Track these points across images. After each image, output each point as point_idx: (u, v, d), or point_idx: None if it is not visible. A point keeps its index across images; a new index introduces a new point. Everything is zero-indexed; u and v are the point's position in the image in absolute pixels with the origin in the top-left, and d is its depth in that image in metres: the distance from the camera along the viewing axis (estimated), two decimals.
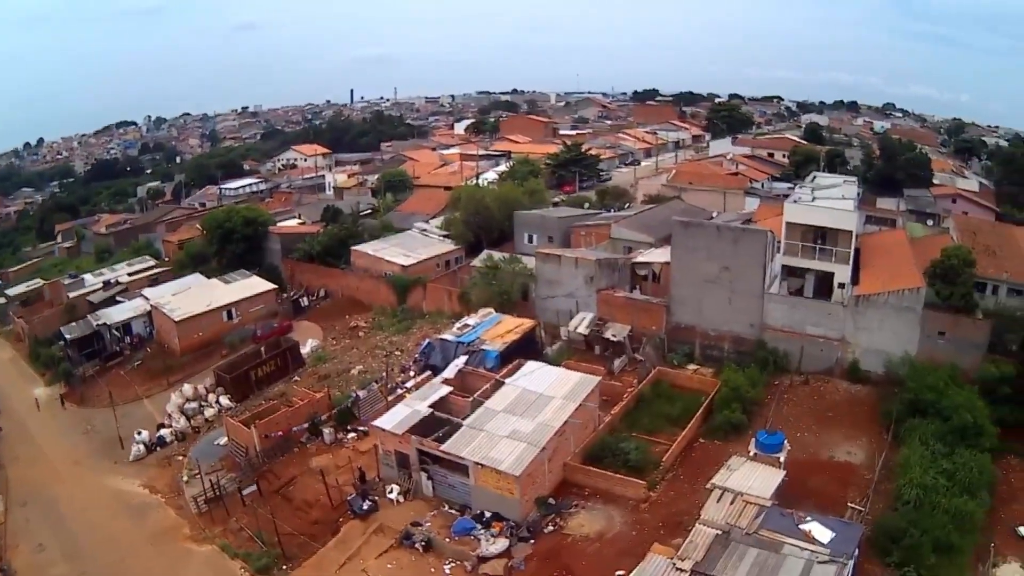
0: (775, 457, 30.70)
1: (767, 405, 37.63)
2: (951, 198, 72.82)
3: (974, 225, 56.28)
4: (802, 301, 42.49)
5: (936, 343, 38.74)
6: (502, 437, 31.12)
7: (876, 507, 30.00)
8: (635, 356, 41.84)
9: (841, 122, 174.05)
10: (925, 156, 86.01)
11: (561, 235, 55.88)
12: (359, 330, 51.82)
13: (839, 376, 40.38)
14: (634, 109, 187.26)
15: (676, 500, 30.98)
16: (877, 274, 43.17)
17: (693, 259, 42.20)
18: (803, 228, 43.45)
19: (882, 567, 26.74)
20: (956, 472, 30.76)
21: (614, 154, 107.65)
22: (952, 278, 41.23)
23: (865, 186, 72.10)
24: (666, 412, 36.34)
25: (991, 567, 27.72)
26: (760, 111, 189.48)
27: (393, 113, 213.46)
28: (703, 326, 42.85)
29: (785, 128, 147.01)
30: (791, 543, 24.93)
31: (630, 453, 32.93)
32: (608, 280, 45.32)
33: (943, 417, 33.59)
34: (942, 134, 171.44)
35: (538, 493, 30.67)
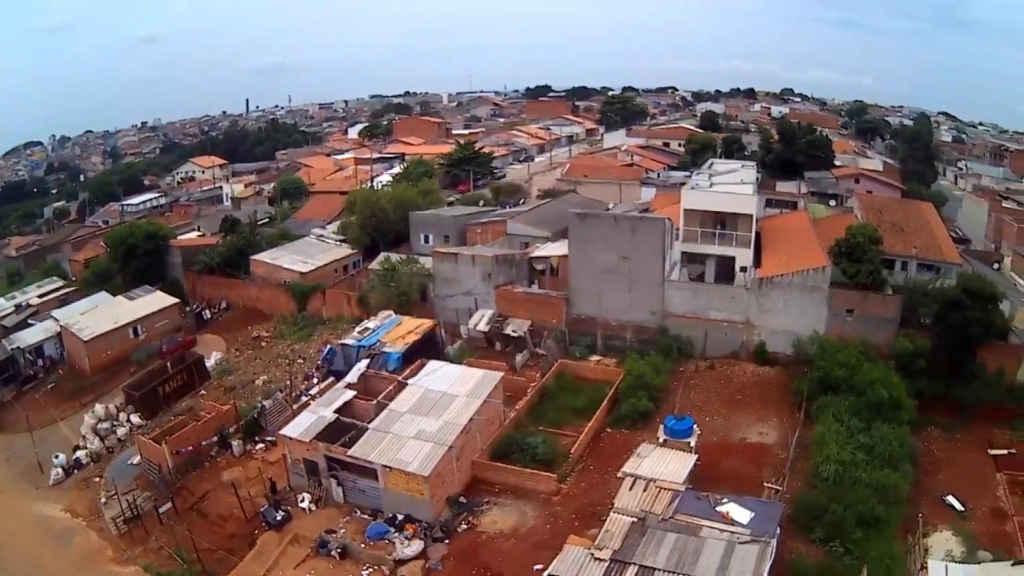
0: (685, 442, 42.85)
1: (673, 391, 51.75)
2: (854, 178, 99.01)
3: (879, 203, 78.25)
4: (704, 287, 58.63)
5: (845, 321, 55.43)
6: (408, 438, 42.64)
7: (793, 485, 42.77)
8: (537, 350, 57.77)
9: (738, 109, 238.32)
10: (826, 138, 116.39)
11: (457, 234, 76.49)
12: (261, 340, 69.64)
13: (746, 359, 56.36)
14: (527, 106, 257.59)
15: (588, 491, 42.34)
16: (780, 256, 60.26)
17: (591, 250, 57.41)
18: (702, 214, 60.37)
19: (807, 544, 38.71)
20: (875, 446, 44.81)
21: (507, 151, 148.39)
22: (858, 256, 58.52)
23: (765, 171, 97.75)
24: (571, 404, 50.48)
25: (921, 537, 40.86)
26: (655, 102, 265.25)
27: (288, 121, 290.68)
28: (604, 316, 58.37)
29: (681, 118, 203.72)
30: (710, 526, 35.47)
31: (538, 447, 44.81)
32: (506, 276, 62.36)
33: (857, 393, 48.60)
34: (843, 116, 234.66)
35: (449, 492, 42.18)
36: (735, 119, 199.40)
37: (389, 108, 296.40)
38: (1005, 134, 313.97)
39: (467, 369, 50.36)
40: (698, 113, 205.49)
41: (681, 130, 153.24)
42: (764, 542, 34.40)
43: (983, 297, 53.93)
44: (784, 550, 37.06)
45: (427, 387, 47.45)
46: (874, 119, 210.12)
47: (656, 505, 36.27)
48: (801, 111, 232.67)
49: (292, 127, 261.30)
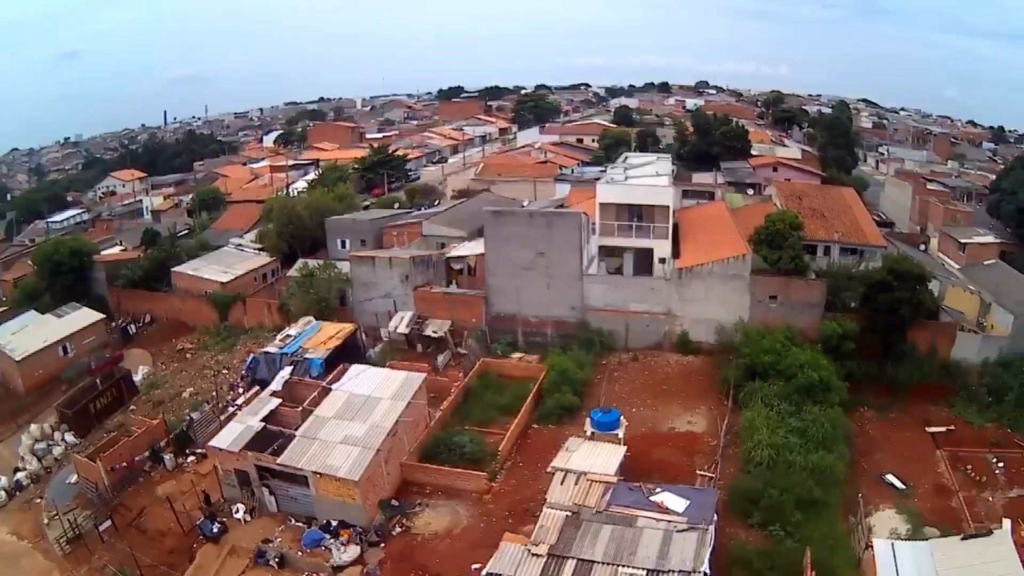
0: (613, 434, 46.95)
1: (598, 385, 56.45)
2: (772, 167, 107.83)
3: (798, 190, 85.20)
4: (623, 279, 63.85)
5: (769, 307, 60.99)
6: (336, 443, 46.34)
7: (727, 472, 47.23)
8: (458, 350, 62.49)
9: (652, 103, 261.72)
10: (742, 128, 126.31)
11: (373, 237, 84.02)
12: (186, 352, 75.26)
13: (669, 349, 61.78)
14: (440, 107, 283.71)
15: (519, 488, 46.30)
16: (699, 246, 65.39)
17: (507, 248, 62.27)
18: (618, 207, 65.80)
19: (745, 529, 42.69)
20: (807, 429, 49.50)
21: (421, 153, 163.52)
22: (779, 243, 64.31)
23: (680, 163, 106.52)
24: (496, 402, 54.82)
25: (863, 517, 45.02)
26: (568, 99, 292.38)
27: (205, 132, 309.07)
28: (524, 313, 63.44)
29: (594, 114, 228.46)
30: (645, 516, 38.87)
31: (465, 446, 48.75)
32: (424, 277, 67.89)
33: (785, 377, 53.57)
34: (760, 107, 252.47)
35: (380, 496, 45.91)
36: (649, 113, 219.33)
37: (304, 115, 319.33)
38: (928, 118, 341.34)
39: (390, 372, 54.19)
40: (612, 109, 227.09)
41: (595, 126, 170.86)
42: (702, 529, 37.82)
43: (910, 277, 59.61)
44: (723, 536, 40.67)
45: (351, 391, 51.03)
46: (791, 108, 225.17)
47: (589, 498, 39.61)
48: (717, 103, 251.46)
49: (209, 137, 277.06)
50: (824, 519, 43.62)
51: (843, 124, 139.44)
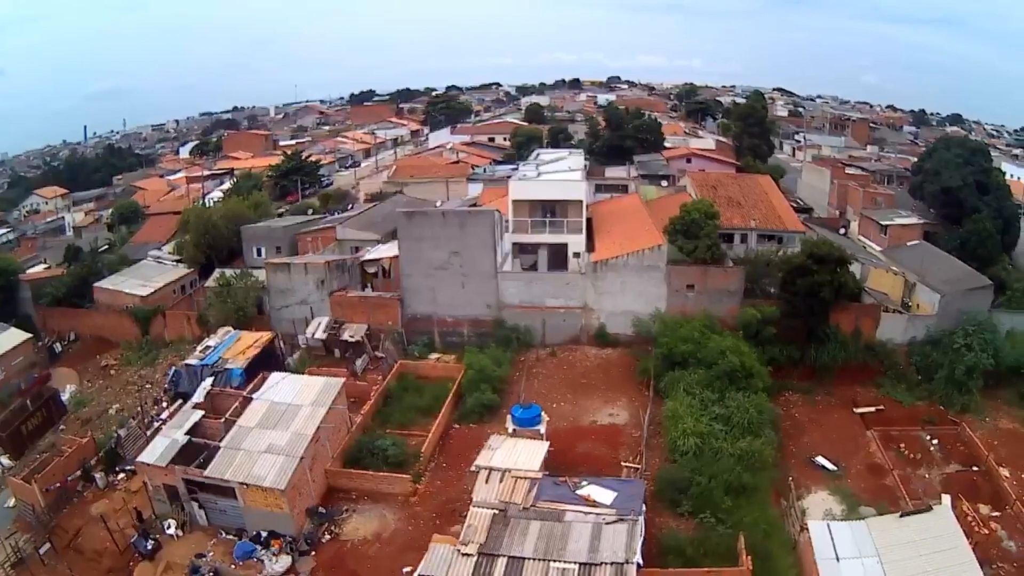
0: (535, 430, 49.25)
1: (517, 382, 59.18)
2: (686, 158, 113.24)
3: (713, 180, 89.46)
4: (538, 275, 67.10)
5: (686, 297, 64.57)
6: (260, 453, 48.26)
7: (652, 463, 49.95)
8: (376, 353, 65.07)
9: (564, 100, 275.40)
10: (654, 121, 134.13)
11: (288, 244, 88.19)
12: (111, 368, 77.30)
13: (587, 343, 65.01)
14: (352, 112, 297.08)
15: (444, 488, 48.68)
16: (613, 239, 68.69)
17: (421, 248, 65.01)
18: (531, 204, 69.22)
19: (676, 518, 45.23)
20: (732, 416, 52.52)
21: (334, 158, 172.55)
22: (695, 232, 67.88)
23: (593, 158, 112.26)
24: (416, 404, 57.52)
25: (795, 500, 48.29)
26: (479, 99, 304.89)
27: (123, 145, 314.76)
28: (439, 314, 66.32)
29: (506, 113, 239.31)
30: (573, 510, 41.06)
31: (388, 449, 51.09)
32: (339, 282, 70.86)
33: (706, 365, 56.66)
34: (673, 99, 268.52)
35: (307, 504, 47.90)
36: (561, 110, 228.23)
37: (218, 124, 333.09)
38: (846, 105, 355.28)
39: (309, 378, 56.21)
40: (523, 107, 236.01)
41: (506, 125, 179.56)
42: (631, 520, 40.11)
43: (830, 261, 63.40)
44: (653, 527, 43.17)
45: (272, 400, 52.64)
46: (705, 100, 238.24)
47: (515, 495, 41.62)
48: (629, 97, 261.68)
49: (127, 151, 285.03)
50: (755, 504, 46.35)
51: (758, 113, 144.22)
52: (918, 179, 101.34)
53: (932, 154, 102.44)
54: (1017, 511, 51.70)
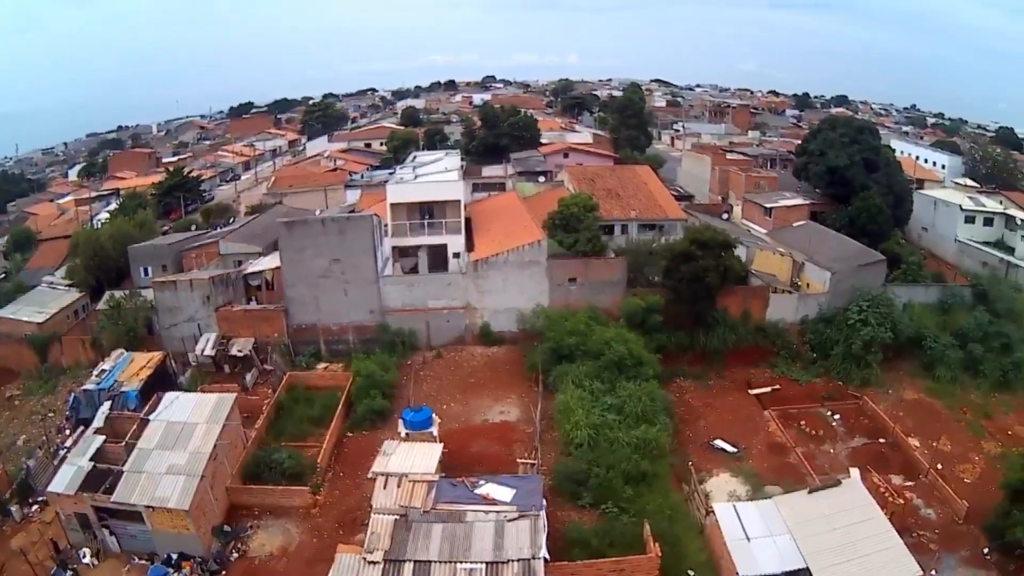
0: (428, 432, 51.40)
1: (405, 386, 61.65)
2: (563, 153, 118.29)
3: (591, 173, 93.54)
4: (419, 278, 69.95)
5: (569, 290, 68.30)
6: (162, 474, 49.54)
7: (548, 457, 52.60)
8: (264, 367, 67.18)
9: (439, 102, 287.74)
10: (530, 118, 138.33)
11: (174, 261, 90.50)
12: (14, 399, 77.20)
13: (472, 342, 68.16)
14: (231, 125, 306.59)
15: (343, 498, 50.81)
16: (493, 237, 71.78)
17: (302, 258, 67.29)
18: (409, 206, 72.02)
19: (578, 511, 47.86)
20: (624, 405, 55.72)
21: (215, 173, 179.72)
22: (574, 225, 71.80)
23: (470, 157, 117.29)
24: (308, 415, 59.75)
25: (697, 484, 51.20)
26: (355, 106, 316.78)
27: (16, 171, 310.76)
28: (324, 322, 68.70)
29: (382, 117, 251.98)
30: (474, 510, 43.14)
31: (284, 463, 52.82)
32: (225, 296, 73.09)
33: (594, 357, 59.99)
34: (549, 96, 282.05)
35: (212, 523, 49.55)
36: (436, 112, 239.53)
37: (104, 145, 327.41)
38: (726, 92, 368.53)
39: (202, 396, 57.32)
40: (399, 111, 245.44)
41: (382, 129, 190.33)
42: (533, 516, 42.23)
43: (714, 245, 67.33)
44: (556, 521, 45.65)
45: (168, 420, 53.65)
46: (581, 94, 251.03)
47: (414, 499, 43.32)
48: (504, 96, 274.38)
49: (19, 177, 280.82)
50: (657, 491, 49.20)
51: (635, 105, 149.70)
52: (802, 160, 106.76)
53: (817, 135, 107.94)
54: (932, 479, 55.90)
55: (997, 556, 48.93)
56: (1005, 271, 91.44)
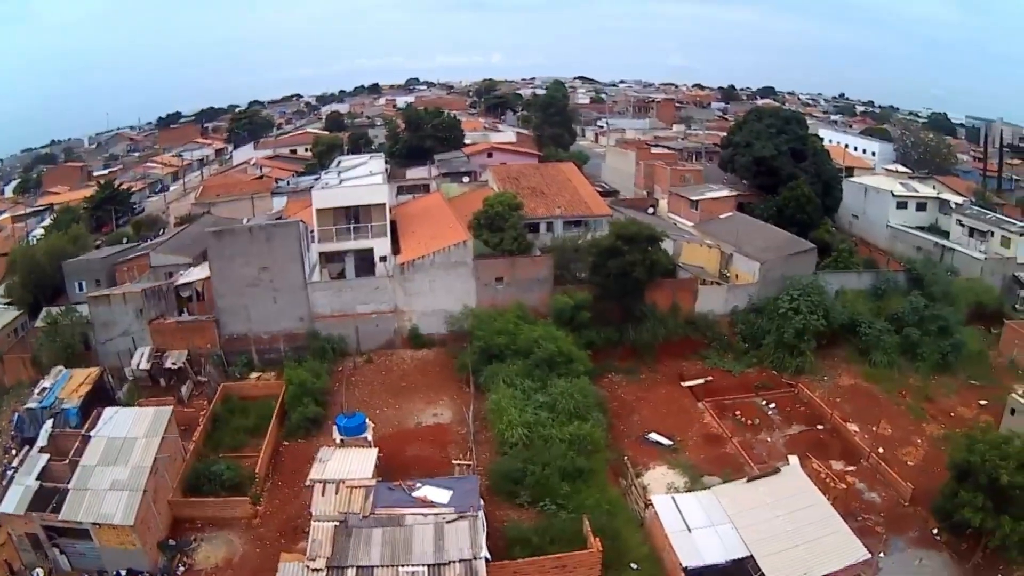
0: (362, 438, 52.35)
1: (338, 392, 62.50)
2: (486, 153, 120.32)
3: (515, 172, 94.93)
4: (346, 283, 70.84)
5: (496, 289, 69.72)
6: (106, 491, 50.07)
7: (483, 457, 53.87)
8: (199, 378, 67.86)
9: (363, 106, 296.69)
10: (453, 119, 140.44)
11: (107, 275, 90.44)
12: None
13: (402, 346, 69.38)
14: (159, 136, 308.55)
15: (283, 507, 51.73)
16: (418, 239, 72.83)
17: (231, 267, 67.93)
18: (335, 211, 72.59)
19: (516, 509, 48.97)
20: (556, 402, 56.92)
21: (144, 184, 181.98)
22: (500, 225, 72.77)
23: (394, 160, 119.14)
24: (243, 425, 60.45)
25: (634, 478, 52.62)
26: (280, 112, 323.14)
27: None
28: (255, 331, 69.50)
29: (307, 123, 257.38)
30: (412, 513, 44.00)
31: (223, 474, 53.42)
32: (158, 309, 73.55)
33: (523, 355, 61.39)
34: (472, 96, 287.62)
35: (157, 537, 50.41)
36: (360, 116, 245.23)
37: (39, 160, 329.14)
38: (651, 87, 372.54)
39: (139, 410, 57.75)
40: (323, 116, 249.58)
41: (307, 135, 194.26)
42: (472, 516, 43.29)
43: (640, 240, 68.90)
44: (495, 520, 46.66)
45: (108, 436, 53.97)
46: (505, 94, 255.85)
47: (353, 505, 44.13)
48: (428, 98, 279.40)
49: None
50: (594, 487, 50.51)
51: (559, 102, 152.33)
52: (728, 152, 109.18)
53: (743, 126, 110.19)
54: (874, 464, 57.86)
55: (947, 536, 50.62)
56: (940, 255, 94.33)
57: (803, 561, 43.45)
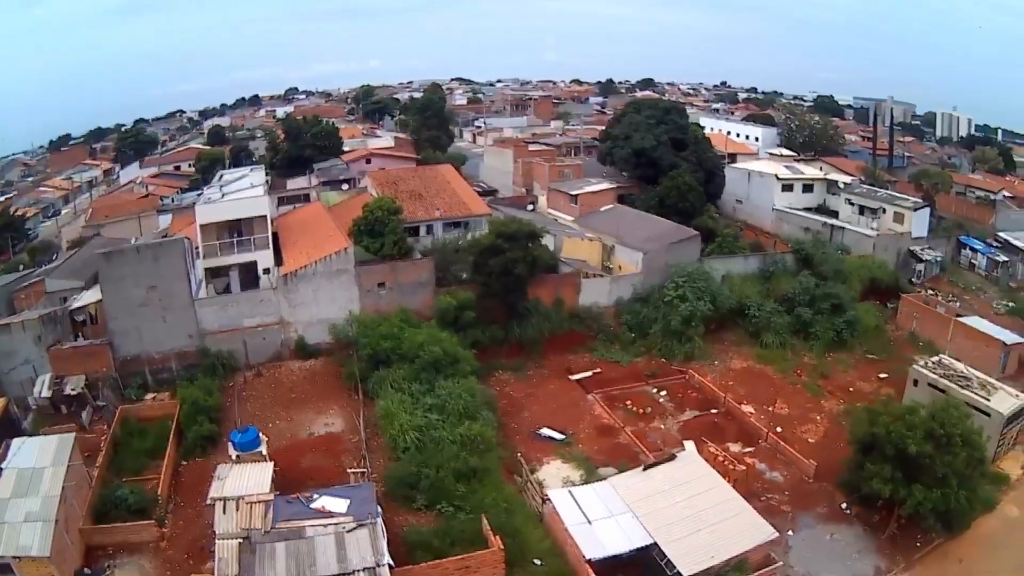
0: (257, 452, 51.89)
1: (231, 408, 62.19)
2: (365, 159, 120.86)
3: (393, 176, 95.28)
4: (232, 297, 70.47)
5: (379, 295, 69.90)
6: (22, 523, 48.12)
7: (377, 464, 53.96)
8: (98, 403, 66.74)
9: (244, 118, 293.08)
10: (332, 127, 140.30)
11: (6, 303, 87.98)
12: None
13: (290, 358, 68.84)
14: (51, 159, 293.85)
15: (188, 527, 50.99)
16: (301, 249, 72.45)
17: (121, 288, 66.83)
18: (218, 226, 71.95)
19: (414, 514, 48.99)
20: (445, 404, 57.14)
21: (37, 210, 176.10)
22: (380, 230, 73.36)
23: (275, 171, 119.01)
24: (143, 448, 59.32)
25: (529, 474, 53.24)
26: (164, 129, 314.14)
27: None
28: (148, 352, 68.24)
29: (190, 139, 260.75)
30: (312, 525, 43.81)
31: (128, 498, 52.45)
32: (55, 335, 71.66)
33: (409, 359, 61.48)
34: (351, 103, 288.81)
35: (73, 566, 48.40)
36: (242, 128, 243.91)
37: None
38: (528, 84, 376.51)
39: (44, 439, 56.44)
40: (206, 131, 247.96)
41: (190, 151, 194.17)
42: (371, 524, 43.27)
43: (520, 237, 69.53)
44: (395, 526, 46.62)
45: (18, 467, 52.81)
46: (382, 99, 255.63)
47: (254, 520, 43.77)
48: (306, 107, 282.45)
49: None
50: (489, 485, 50.69)
51: (436, 105, 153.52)
52: (607, 145, 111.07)
53: (621, 119, 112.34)
54: (772, 443, 59.53)
55: (858, 509, 52.29)
56: (830, 234, 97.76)
57: (709, 545, 44.37)
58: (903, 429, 47.19)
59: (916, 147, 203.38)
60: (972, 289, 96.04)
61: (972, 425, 50.52)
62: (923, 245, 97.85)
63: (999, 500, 56.45)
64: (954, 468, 46.92)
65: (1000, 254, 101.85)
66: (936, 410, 49.31)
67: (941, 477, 46.71)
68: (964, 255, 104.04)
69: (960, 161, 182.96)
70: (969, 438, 48.47)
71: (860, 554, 50.03)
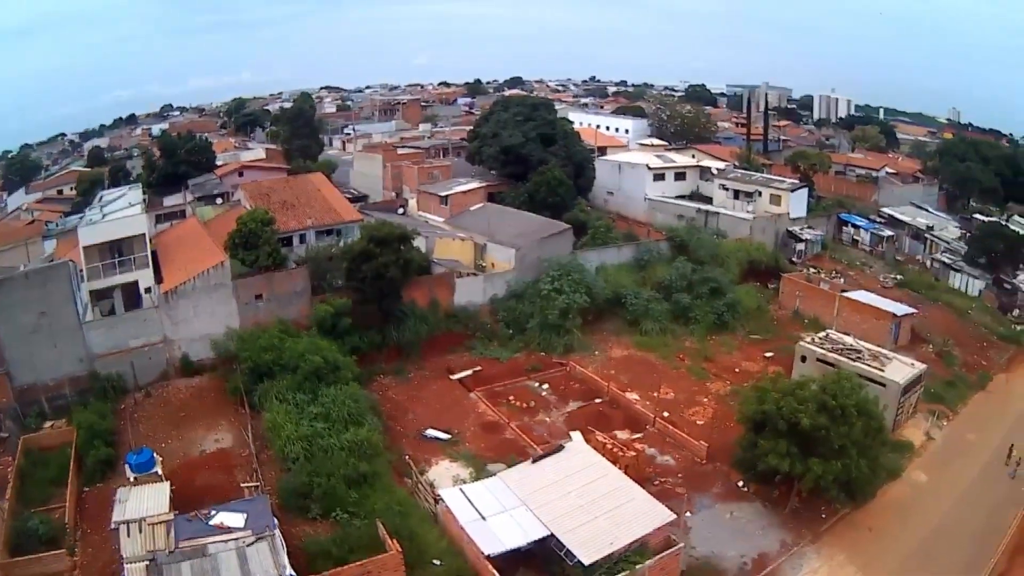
0: (153, 473, 50.85)
1: (124, 431, 60.85)
2: (237, 172, 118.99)
3: (266, 188, 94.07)
4: (116, 318, 68.69)
5: (257, 307, 69.11)
6: None
7: (269, 476, 53.25)
8: (1, 435, 64.83)
9: (121, 138, 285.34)
10: (205, 142, 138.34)
11: None
12: None
13: (176, 376, 67.33)
14: None
15: (97, 554, 49.42)
16: (179, 265, 71.00)
17: (12, 316, 64.67)
18: (100, 247, 70.15)
19: (310, 524, 48.24)
20: (330, 412, 56.59)
21: None
22: (254, 242, 72.30)
23: (152, 189, 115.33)
24: (47, 477, 57.28)
25: (419, 475, 53.10)
26: (48, 153, 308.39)
27: None
28: (42, 379, 66.12)
29: (71, 162, 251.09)
30: (213, 542, 42.85)
31: (38, 529, 50.63)
32: None
33: (291, 369, 60.70)
34: (223, 117, 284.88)
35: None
36: (120, 148, 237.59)
37: None
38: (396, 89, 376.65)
39: None
40: (85, 153, 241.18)
41: (72, 174, 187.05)
42: (269, 536, 42.67)
43: (391, 241, 69.15)
44: (292, 537, 45.85)
45: None
46: (253, 111, 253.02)
47: (157, 542, 42.72)
48: (181, 123, 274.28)
49: None
50: (380, 490, 50.26)
51: (305, 114, 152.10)
52: (476, 144, 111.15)
53: (489, 118, 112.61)
54: (661, 428, 60.33)
55: (756, 486, 53.20)
56: (704, 220, 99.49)
57: (607, 532, 44.55)
58: (794, 404, 47.99)
59: (792, 130, 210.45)
60: (857, 265, 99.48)
61: (867, 395, 51.65)
62: (802, 225, 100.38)
63: (905, 467, 58.59)
64: (852, 438, 47.83)
65: (884, 229, 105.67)
66: (827, 383, 50.29)
67: (839, 448, 47.54)
68: (846, 232, 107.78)
69: (839, 141, 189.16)
70: (864, 408, 49.73)
71: (764, 530, 51.04)
